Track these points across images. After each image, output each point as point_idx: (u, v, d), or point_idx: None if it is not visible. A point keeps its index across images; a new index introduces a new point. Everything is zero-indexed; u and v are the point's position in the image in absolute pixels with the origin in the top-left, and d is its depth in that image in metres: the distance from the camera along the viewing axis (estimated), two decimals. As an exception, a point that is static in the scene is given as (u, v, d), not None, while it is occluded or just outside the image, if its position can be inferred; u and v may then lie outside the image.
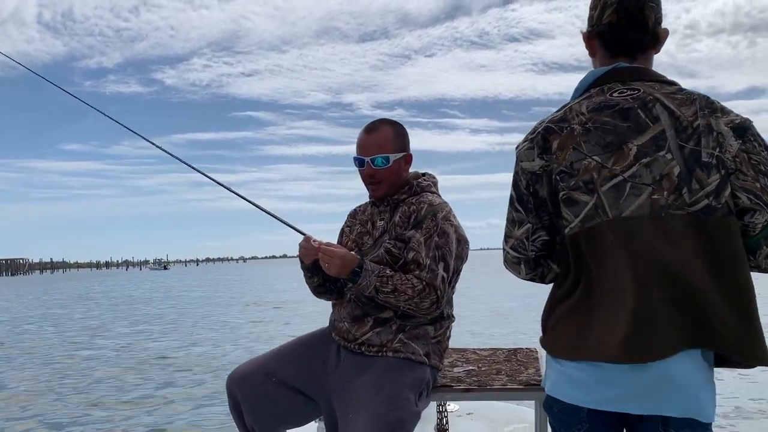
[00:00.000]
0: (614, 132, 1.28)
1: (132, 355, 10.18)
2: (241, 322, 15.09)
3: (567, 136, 1.31)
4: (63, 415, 6.14)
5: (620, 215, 1.24)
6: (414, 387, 1.88)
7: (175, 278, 56.63)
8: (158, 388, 7.38)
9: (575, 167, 1.29)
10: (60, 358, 10.12)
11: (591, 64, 1.47)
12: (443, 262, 1.90)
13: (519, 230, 1.40)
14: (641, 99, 1.30)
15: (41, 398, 6.89)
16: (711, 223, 1.23)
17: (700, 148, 1.25)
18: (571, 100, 1.40)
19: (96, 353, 10.44)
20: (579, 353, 1.27)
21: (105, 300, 26.30)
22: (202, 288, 35.30)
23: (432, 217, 1.94)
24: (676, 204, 1.23)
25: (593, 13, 1.40)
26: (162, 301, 24.32)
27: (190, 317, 16.83)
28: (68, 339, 12.52)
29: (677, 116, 1.27)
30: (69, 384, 7.75)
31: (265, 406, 1.98)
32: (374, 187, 2.03)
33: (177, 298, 26.43)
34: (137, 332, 13.52)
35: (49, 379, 8.13)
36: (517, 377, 2.15)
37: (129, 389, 7.31)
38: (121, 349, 10.93)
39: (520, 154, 1.39)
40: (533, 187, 1.36)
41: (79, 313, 19.31)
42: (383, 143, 2.01)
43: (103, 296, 29.49)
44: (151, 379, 7.93)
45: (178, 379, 7.88)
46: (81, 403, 6.60)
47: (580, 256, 1.28)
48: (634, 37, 1.37)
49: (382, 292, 1.86)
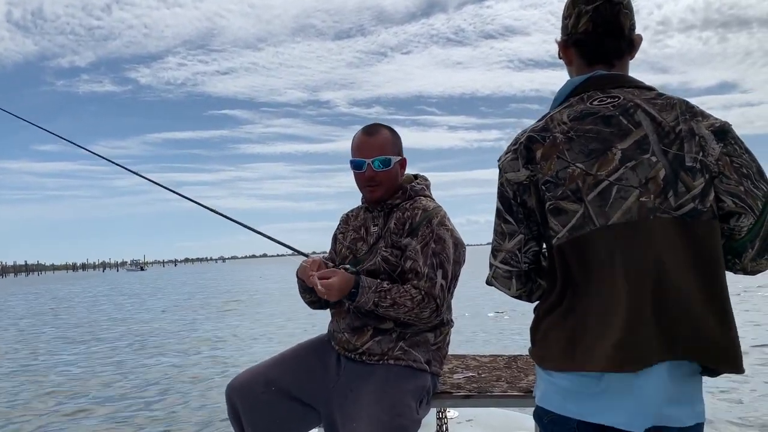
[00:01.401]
0: (597, 138, 1.27)
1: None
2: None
3: (550, 145, 1.30)
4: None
5: (607, 223, 1.23)
6: (415, 394, 1.88)
7: (149, 279, 55.84)
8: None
9: (560, 176, 1.28)
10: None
11: (568, 72, 1.46)
12: (441, 269, 1.90)
13: (510, 242, 1.37)
14: (622, 106, 1.29)
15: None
16: (697, 226, 1.22)
17: (683, 153, 1.24)
18: (551, 109, 1.39)
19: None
20: (568, 364, 1.25)
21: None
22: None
23: (427, 223, 1.94)
24: (662, 207, 1.22)
25: (567, 22, 1.39)
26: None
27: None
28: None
29: (659, 122, 1.27)
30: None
31: (265, 414, 1.98)
32: (372, 189, 2.01)
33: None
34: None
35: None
36: (517, 384, 2.15)
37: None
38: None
39: (503, 165, 1.37)
40: (521, 198, 1.34)
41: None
42: (383, 145, 2.01)
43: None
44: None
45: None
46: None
47: (567, 267, 1.27)
48: (610, 44, 1.37)
49: (382, 306, 1.86)
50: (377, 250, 1.99)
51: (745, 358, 1.25)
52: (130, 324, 15.68)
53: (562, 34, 1.42)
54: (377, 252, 1.98)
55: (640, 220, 1.22)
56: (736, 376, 1.29)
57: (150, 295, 30.08)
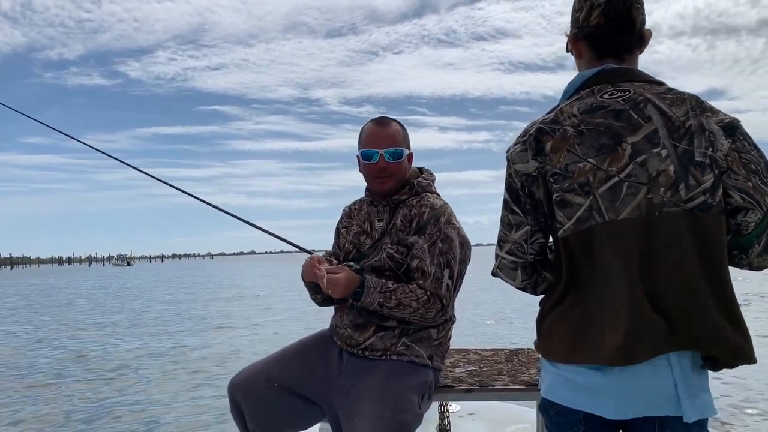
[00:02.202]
0: (608, 133, 1.28)
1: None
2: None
3: (560, 138, 1.31)
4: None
5: (617, 218, 1.23)
6: (417, 390, 1.88)
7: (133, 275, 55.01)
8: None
9: (570, 169, 1.28)
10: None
11: (576, 66, 1.46)
12: (448, 268, 1.89)
13: (517, 233, 1.38)
14: (632, 100, 1.30)
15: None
16: (706, 220, 1.23)
17: (693, 147, 1.25)
18: (561, 101, 1.39)
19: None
20: (574, 357, 1.26)
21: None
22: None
23: (435, 221, 1.93)
24: (672, 201, 1.23)
25: (578, 15, 1.39)
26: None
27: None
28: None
29: (669, 116, 1.27)
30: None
31: (267, 410, 1.98)
32: (382, 181, 1.99)
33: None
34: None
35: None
36: (518, 377, 2.15)
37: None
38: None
39: (512, 156, 1.37)
40: (529, 189, 1.35)
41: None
42: (395, 137, 2.00)
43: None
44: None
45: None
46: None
47: (573, 259, 1.28)
48: (621, 38, 1.37)
49: (387, 307, 1.86)
50: (382, 246, 1.98)
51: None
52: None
53: (573, 27, 1.42)
54: (382, 248, 1.97)
55: (648, 216, 1.23)
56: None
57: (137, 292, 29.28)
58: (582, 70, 1.41)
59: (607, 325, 1.22)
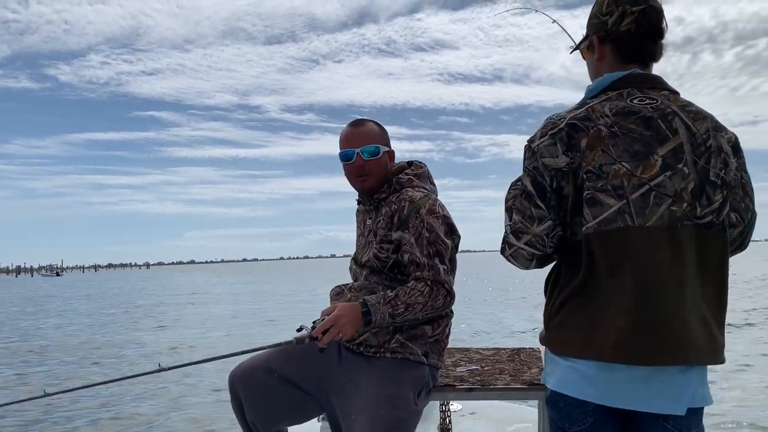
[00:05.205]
0: (641, 140, 1.33)
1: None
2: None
3: (595, 136, 1.34)
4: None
5: (644, 224, 1.29)
6: (413, 386, 1.88)
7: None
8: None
9: (604, 170, 1.32)
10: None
11: (592, 67, 1.50)
12: (439, 256, 1.89)
13: (540, 227, 1.40)
14: (660, 110, 1.35)
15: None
16: (710, 237, 1.32)
17: (709, 166, 1.33)
18: (586, 98, 1.43)
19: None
20: (587, 352, 1.32)
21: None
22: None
23: (416, 214, 1.92)
24: (689, 215, 1.30)
25: (607, 19, 1.43)
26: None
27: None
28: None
29: (693, 132, 1.34)
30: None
31: (266, 402, 1.99)
32: (362, 179, 2.02)
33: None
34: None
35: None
36: (520, 377, 2.14)
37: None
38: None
39: (540, 149, 1.39)
40: (558, 184, 1.38)
41: None
42: (371, 134, 2.03)
43: None
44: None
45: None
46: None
47: (592, 257, 1.32)
48: (649, 47, 1.43)
49: (397, 315, 1.83)
50: (371, 245, 2.00)
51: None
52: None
53: (598, 30, 1.45)
54: (371, 247, 2.00)
55: (670, 226, 1.29)
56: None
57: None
58: (599, 71, 1.46)
59: (617, 325, 1.28)
